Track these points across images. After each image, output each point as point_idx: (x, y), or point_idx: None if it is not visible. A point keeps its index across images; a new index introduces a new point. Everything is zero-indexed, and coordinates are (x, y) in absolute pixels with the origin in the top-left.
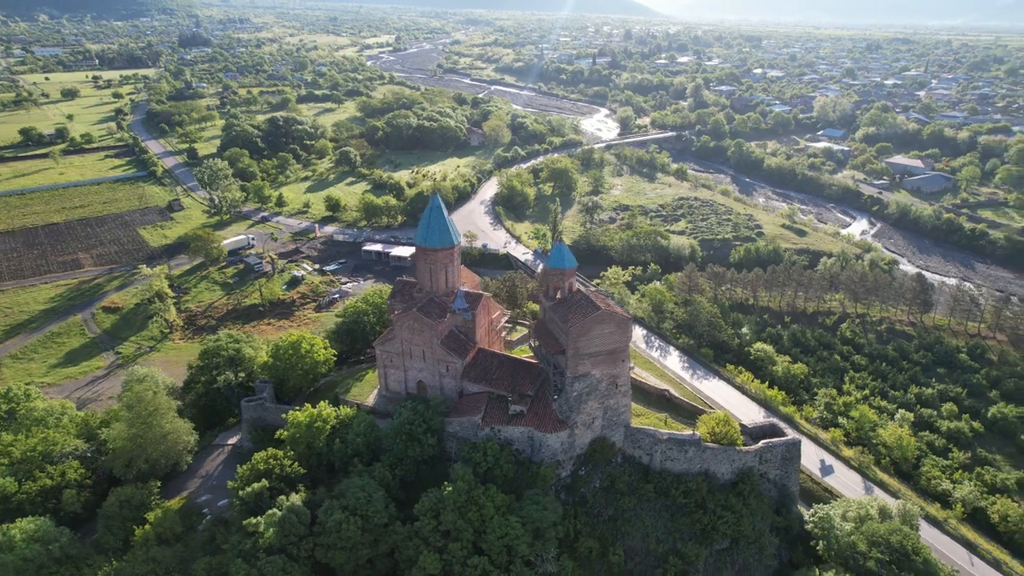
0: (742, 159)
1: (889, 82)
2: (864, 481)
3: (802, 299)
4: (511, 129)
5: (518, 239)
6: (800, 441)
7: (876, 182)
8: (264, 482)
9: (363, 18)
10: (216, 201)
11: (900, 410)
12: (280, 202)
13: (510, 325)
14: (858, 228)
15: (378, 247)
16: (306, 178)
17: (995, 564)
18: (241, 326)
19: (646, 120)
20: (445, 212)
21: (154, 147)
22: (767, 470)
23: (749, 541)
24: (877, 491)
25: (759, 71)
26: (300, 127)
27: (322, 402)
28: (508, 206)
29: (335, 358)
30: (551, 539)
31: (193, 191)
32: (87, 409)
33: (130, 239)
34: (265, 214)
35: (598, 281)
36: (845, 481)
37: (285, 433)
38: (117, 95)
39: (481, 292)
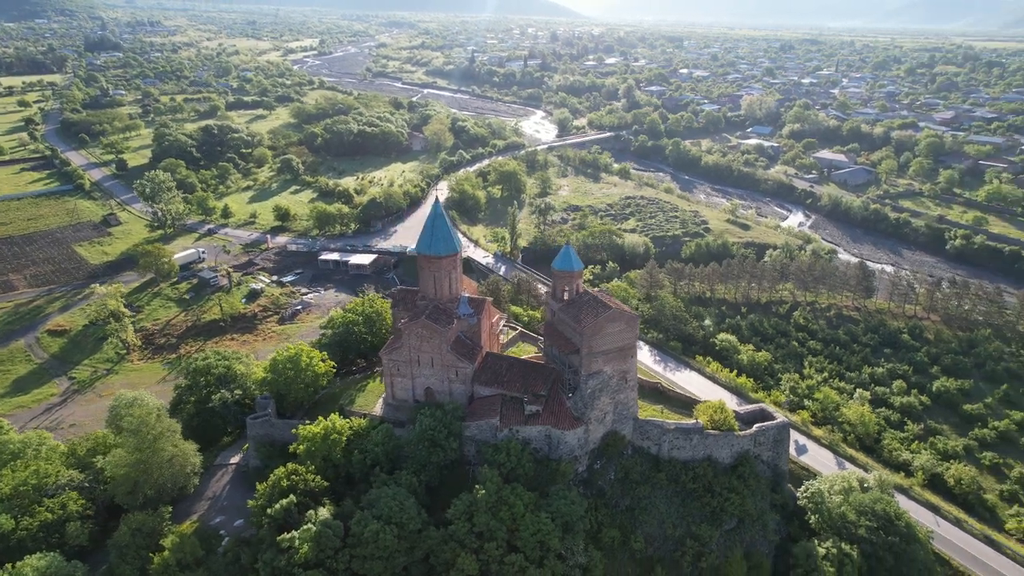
0: (680, 157)
1: (806, 81)
2: (835, 457)
3: (755, 290)
4: (453, 133)
5: (476, 243)
6: (789, 423)
7: (807, 176)
8: (292, 498)
9: (283, 21)
10: (160, 215)
11: (858, 389)
12: (226, 213)
13: (507, 328)
14: (795, 220)
15: (335, 256)
16: (248, 187)
17: (956, 523)
18: (203, 343)
19: (583, 121)
20: (447, 219)
21: (75, 159)
22: (761, 452)
23: (753, 519)
24: (848, 465)
25: (685, 71)
26: (236, 135)
27: (333, 414)
28: (460, 210)
29: (334, 370)
30: (579, 532)
31: (129, 204)
32: (65, 439)
33: (65, 257)
34: (211, 226)
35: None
36: (819, 459)
37: (302, 447)
38: (23, 103)
39: (483, 297)
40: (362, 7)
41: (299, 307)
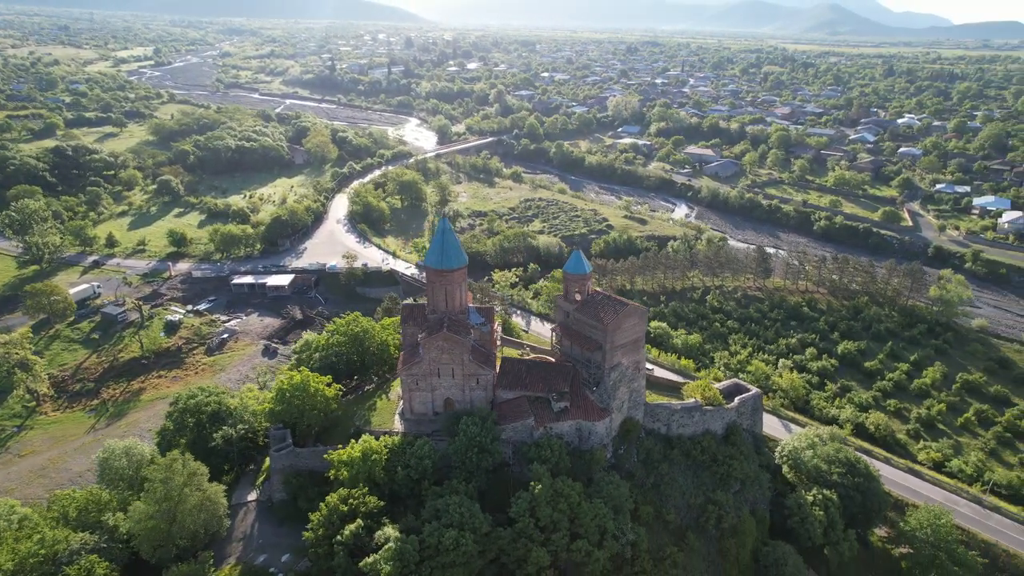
0: (564, 158)
1: (658, 81)
2: (780, 421)
3: (670, 279)
4: (336, 144)
5: (394, 254)
6: (762, 393)
7: (682, 171)
8: (359, 522)
9: (102, 27)
10: (33, 248)
11: (780, 360)
12: (111, 242)
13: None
14: (681, 212)
15: (249, 279)
16: (123, 213)
17: (886, 461)
18: (127, 383)
19: (460, 127)
20: (455, 234)
21: None
22: (742, 421)
23: (751, 480)
24: (793, 427)
25: (546, 75)
26: (95, 157)
27: (365, 435)
28: (367, 222)
29: (341, 393)
30: (626, 512)
31: None
32: (28, 503)
33: None
34: (96, 258)
35: (488, 285)
36: (767, 424)
37: (345, 471)
38: None
39: (490, 306)
40: (188, 12)
41: (225, 335)
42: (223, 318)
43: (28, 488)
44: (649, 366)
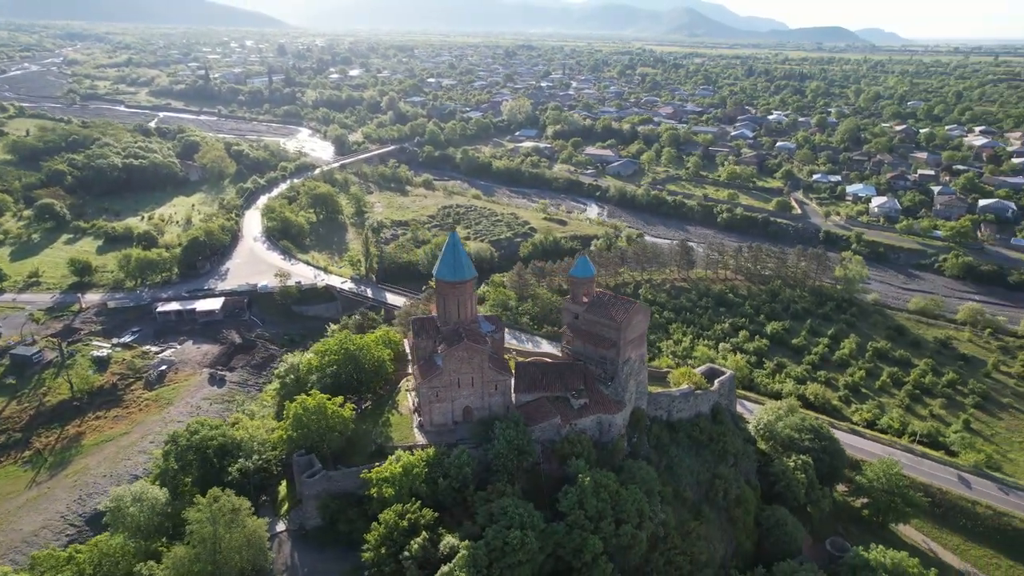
0: (471, 164)
1: (544, 84)
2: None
3: (603, 276)
4: (233, 159)
5: (326, 270)
6: (735, 375)
7: (587, 172)
8: (424, 534)
9: None
10: None
11: (719, 344)
12: None
13: None
14: (593, 212)
15: (175, 306)
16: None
17: (830, 424)
18: (61, 429)
19: (357, 136)
20: (462, 247)
21: None
22: (722, 400)
23: (741, 454)
24: (747, 404)
25: (433, 80)
26: None
27: (399, 451)
28: (286, 238)
29: (355, 411)
30: (656, 494)
31: None
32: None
33: None
34: None
35: (425, 294)
36: None
37: (388, 489)
38: None
39: (497, 314)
40: (13, 14)
41: (163, 367)
42: (155, 349)
43: None
44: None
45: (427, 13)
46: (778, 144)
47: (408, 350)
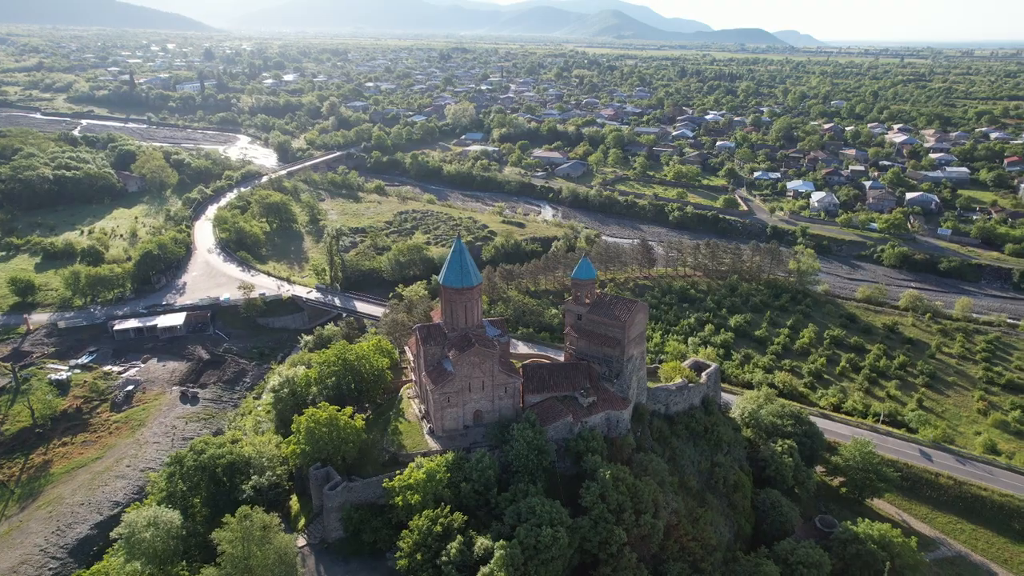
0: (421, 169)
1: (483, 87)
2: None
3: (568, 277)
4: (174, 168)
5: (288, 280)
6: (719, 367)
7: (537, 174)
8: (460, 538)
9: None
10: None
11: (688, 338)
12: None
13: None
14: (548, 213)
15: (134, 323)
16: None
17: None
18: (24, 458)
19: (300, 142)
20: (468, 253)
21: None
22: (708, 392)
23: (734, 442)
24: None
25: (371, 85)
26: None
27: (418, 457)
28: (244, 249)
29: (364, 421)
30: (667, 484)
31: None
32: None
33: None
34: None
35: (395, 301)
36: None
37: (415, 496)
38: None
39: (503, 318)
40: None
41: (130, 387)
42: (117, 369)
43: None
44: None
45: (355, 16)
46: (718, 143)
47: (411, 357)
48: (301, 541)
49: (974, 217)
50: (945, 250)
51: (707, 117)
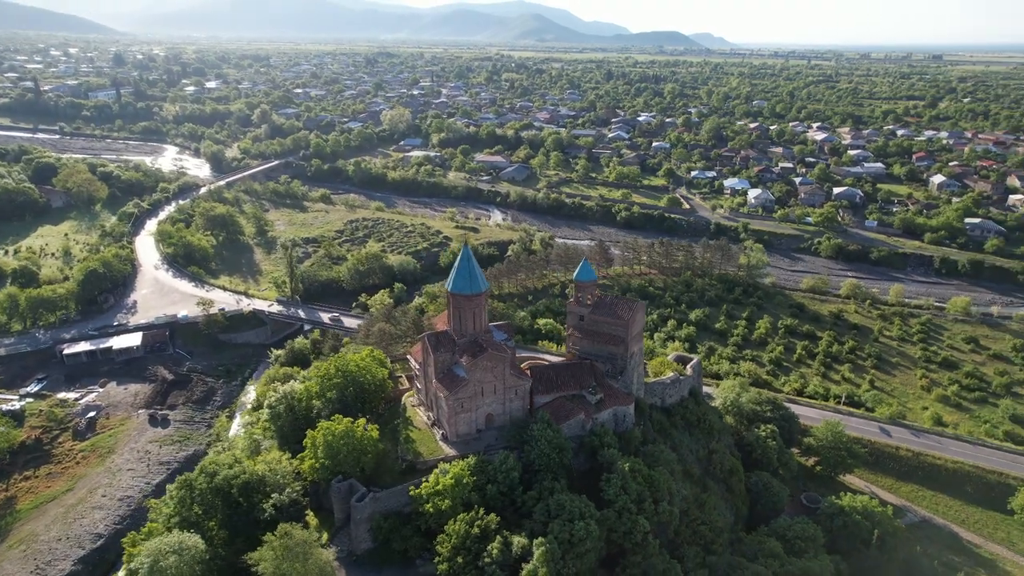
0: (364, 176)
1: (415, 92)
2: None
3: (531, 279)
4: (104, 182)
5: (246, 293)
6: (700, 359)
7: (483, 179)
8: (497, 539)
9: None
10: None
11: (654, 334)
12: None
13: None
14: (498, 217)
15: (85, 346)
16: None
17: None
18: None
19: (234, 151)
20: (475, 260)
21: None
22: (694, 383)
23: (722, 430)
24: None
25: (300, 91)
26: None
27: (442, 463)
28: (194, 263)
29: (377, 430)
30: (677, 473)
31: None
32: None
33: None
34: None
35: (358, 309)
36: None
37: (445, 501)
38: None
39: (509, 322)
40: None
41: (92, 414)
42: (73, 395)
43: None
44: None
45: (265, 19)
46: (654, 144)
47: (415, 365)
48: (331, 555)
49: (895, 209)
50: (874, 240)
51: (640, 119)
